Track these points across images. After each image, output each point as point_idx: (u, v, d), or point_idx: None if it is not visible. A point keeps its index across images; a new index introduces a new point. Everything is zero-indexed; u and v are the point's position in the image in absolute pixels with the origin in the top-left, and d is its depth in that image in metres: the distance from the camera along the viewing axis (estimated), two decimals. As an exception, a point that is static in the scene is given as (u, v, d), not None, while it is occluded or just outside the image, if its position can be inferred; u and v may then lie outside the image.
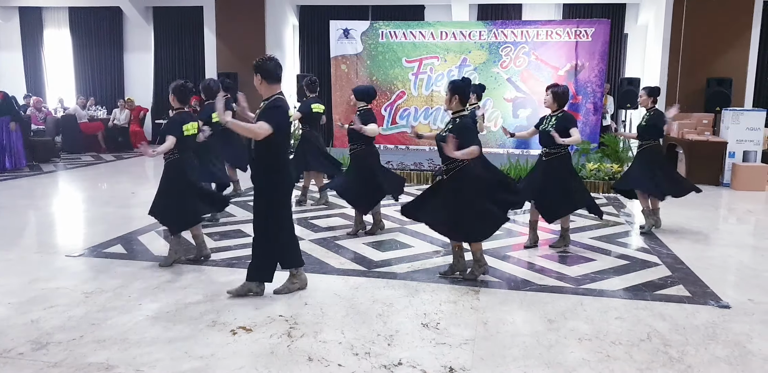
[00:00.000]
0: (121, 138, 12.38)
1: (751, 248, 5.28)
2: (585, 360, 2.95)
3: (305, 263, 4.49)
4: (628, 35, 11.87)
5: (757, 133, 8.55)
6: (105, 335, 3.20)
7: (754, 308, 3.69)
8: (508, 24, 10.45)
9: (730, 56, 9.93)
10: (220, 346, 3.09)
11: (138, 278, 4.16)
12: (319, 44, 12.45)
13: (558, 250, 5.00)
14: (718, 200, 7.63)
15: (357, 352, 3.02)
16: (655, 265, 4.59)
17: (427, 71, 10.61)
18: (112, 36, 13.61)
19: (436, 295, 3.86)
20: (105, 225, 5.76)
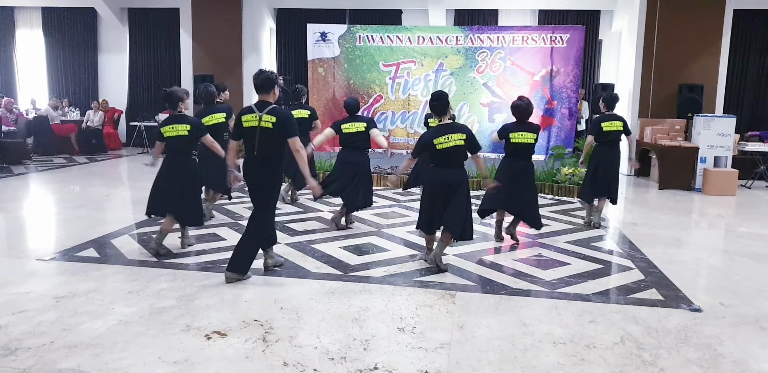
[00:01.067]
0: (94, 140, 12.17)
1: (722, 251, 5.39)
2: (560, 364, 2.97)
3: (281, 267, 4.50)
4: (602, 41, 12.06)
5: (727, 139, 8.75)
6: (76, 340, 3.13)
7: (724, 311, 3.77)
8: (485, 29, 10.54)
9: (702, 63, 10.15)
10: (194, 351, 3.04)
11: (111, 282, 4.08)
12: (297, 47, 12.42)
13: (533, 254, 5.05)
14: (690, 204, 7.78)
15: (333, 357, 3.01)
16: (629, 269, 4.65)
17: (404, 75, 10.63)
18: (86, 37, 13.38)
19: (413, 299, 3.86)
20: (77, 228, 5.64)
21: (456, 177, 4.43)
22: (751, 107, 11.44)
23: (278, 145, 4.05)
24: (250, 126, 4.01)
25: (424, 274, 4.40)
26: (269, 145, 4.01)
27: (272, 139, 4.01)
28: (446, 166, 4.42)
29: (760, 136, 10.30)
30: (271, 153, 4.03)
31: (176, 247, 4.96)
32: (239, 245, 4.15)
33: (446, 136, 4.31)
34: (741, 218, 7.00)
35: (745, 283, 4.37)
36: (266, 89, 4.10)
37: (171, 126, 4.66)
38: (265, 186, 4.10)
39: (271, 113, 3.98)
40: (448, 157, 4.37)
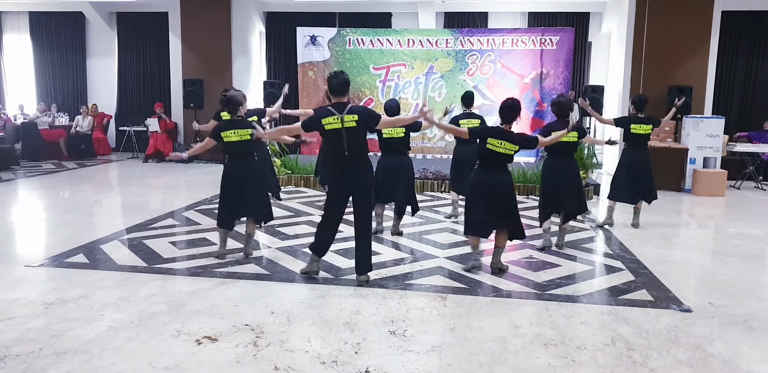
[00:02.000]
0: (83, 145, 12.10)
1: (711, 252, 5.43)
2: (551, 365, 2.98)
3: (272, 271, 4.49)
4: (592, 43, 12.13)
5: (716, 140, 8.82)
6: (65, 346, 3.11)
7: (714, 311, 3.79)
8: (475, 32, 10.60)
9: (691, 65, 10.22)
10: (185, 356, 3.03)
11: (100, 288, 4.05)
12: (286, 51, 12.41)
13: (524, 256, 5.07)
14: (680, 205, 7.83)
15: (324, 360, 3.00)
16: (619, 270, 4.67)
17: (394, 78, 10.67)
18: (74, 41, 13.31)
19: (404, 302, 3.86)
20: (66, 234, 5.60)
21: (506, 179, 4.47)
22: (739, 108, 11.53)
23: (364, 142, 4.21)
24: (333, 129, 4.06)
25: (416, 277, 4.40)
26: (357, 144, 4.10)
27: (359, 136, 4.12)
28: (493, 169, 4.43)
29: (748, 137, 10.40)
30: (360, 151, 4.15)
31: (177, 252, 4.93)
32: (359, 249, 4.24)
33: (501, 141, 4.34)
34: (730, 218, 7.06)
35: (734, 283, 4.39)
36: (343, 92, 4.18)
37: (233, 131, 4.63)
38: (365, 186, 4.21)
39: (351, 112, 4.07)
40: (496, 159, 4.40)
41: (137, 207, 6.97)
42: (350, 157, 4.10)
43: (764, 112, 11.25)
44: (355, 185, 4.16)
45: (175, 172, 10.17)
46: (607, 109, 11.03)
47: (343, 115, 4.04)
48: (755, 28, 11.21)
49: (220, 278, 4.31)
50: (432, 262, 4.80)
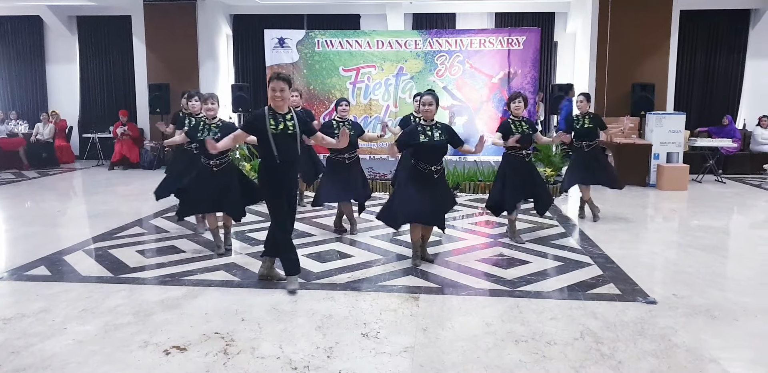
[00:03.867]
0: (45, 153, 11.79)
1: (676, 244, 5.55)
2: (522, 362, 3.00)
3: (242, 278, 4.44)
4: (557, 43, 12.32)
5: (678, 136, 9.04)
6: (25, 363, 3.01)
7: (678, 302, 3.87)
8: (443, 33, 10.67)
9: (652, 63, 10.46)
10: (152, 367, 2.96)
11: (63, 300, 3.94)
12: (254, 54, 12.30)
13: (495, 254, 5.11)
14: (646, 200, 7.99)
15: (296, 366, 2.97)
16: (588, 265, 4.74)
17: (364, 80, 10.67)
18: (32, 46, 12.97)
19: (376, 304, 3.85)
20: (27, 246, 5.44)
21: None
22: (699, 104, 11.84)
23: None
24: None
25: (388, 278, 4.40)
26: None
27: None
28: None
29: (708, 132, 10.69)
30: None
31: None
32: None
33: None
34: (693, 211, 7.23)
35: (697, 274, 4.50)
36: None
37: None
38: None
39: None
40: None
41: (103, 216, 6.82)
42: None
43: (723, 108, 11.60)
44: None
45: (142, 179, 9.98)
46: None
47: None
48: (712, 26, 11.54)
49: (189, 286, 4.23)
50: (404, 263, 4.80)
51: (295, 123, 3.98)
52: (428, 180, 4.54)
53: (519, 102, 5.34)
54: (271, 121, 3.91)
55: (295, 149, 4.02)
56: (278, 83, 3.89)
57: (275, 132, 3.91)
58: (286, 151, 3.96)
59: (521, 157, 5.38)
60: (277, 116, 3.94)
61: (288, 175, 4.04)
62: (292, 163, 4.02)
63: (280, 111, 3.96)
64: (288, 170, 4.02)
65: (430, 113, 4.51)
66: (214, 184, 4.92)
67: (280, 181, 4.02)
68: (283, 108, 3.97)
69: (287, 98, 3.97)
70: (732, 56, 11.62)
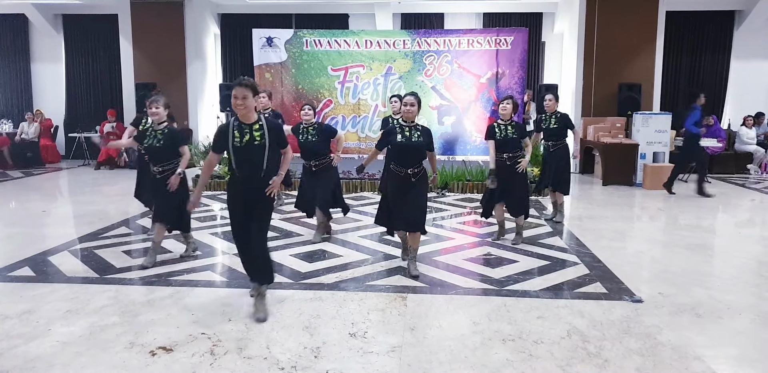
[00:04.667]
0: (30, 153, 11.66)
1: (662, 243, 5.60)
2: (509, 361, 3.01)
3: (229, 278, 4.42)
4: (545, 43, 12.39)
5: (664, 135, 9.12)
6: (8, 365, 2.97)
7: (663, 300, 3.91)
8: (431, 33, 10.67)
9: (639, 63, 10.56)
10: (138, 368, 2.94)
11: (48, 301, 3.90)
12: (242, 53, 12.26)
13: (482, 253, 5.12)
14: (632, 199, 8.05)
15: (283, 366, 2.96)
16: (575, 264, 4.77)
17: (353, 80, 10.64)
18: (16, 45, 12.84)
19: (364, 304, 3.85)
20: (11, 247, 5.38)
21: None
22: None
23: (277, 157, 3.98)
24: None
25: (376, 278, 4.40)
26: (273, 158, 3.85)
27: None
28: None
29: (694, 132, 10.76)
30: (273, 164, 3.88)
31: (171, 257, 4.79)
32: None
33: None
34: (678, 210, 7.30)
35: (682, 273, 4.54)
36: None
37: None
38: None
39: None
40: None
41: (89, 216, 6.75)
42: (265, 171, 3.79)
43: (708, 108, 11.68)
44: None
45: (129, 179, 9.84)
46: (561, 107, 11.25)
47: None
48: (697, 27, 11.66)
49: (175, 286, 4.21)
50: (392, 262, 4.81)
51: (264, 133, 3.54)
52: (405, 184, 4.39)
53: (507, 104, 5.30)
54: (236, 132, 3.53)
55: (260, 162, 3.56)
56: (239, 90, 3.45)
57: (238, 145, 3.51)
58: (249, 164, 3.56)
59: (502, 161, 5.28)
60: (243, 127, 3.53)
61: (248, 190, 3.60)
62: (254, 177, 3.59)
63: (246, 121, 3.55)
64: (249, 185, 3.59)
65: (411, 114, 4.38)
66: (160, 193, 4.70)
67: (236, 197, 3.65)
68: (248, 117, 3.55)
69: (251, 106, 3.53)
70: (717, 57, 11.75)
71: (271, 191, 3.62)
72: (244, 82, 3.48)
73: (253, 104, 3.55)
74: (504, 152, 5.28)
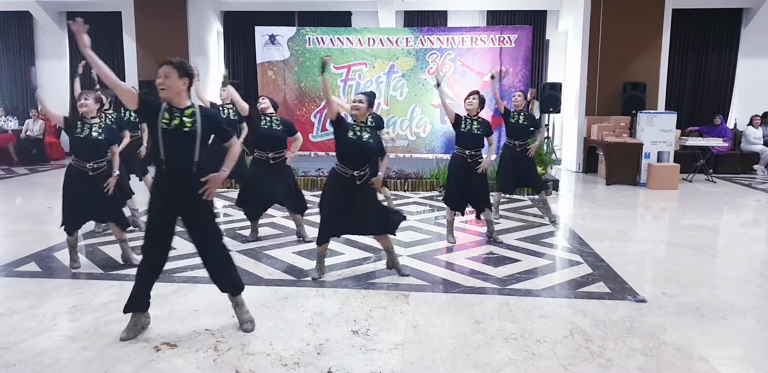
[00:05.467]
0: (35, 150, 11.71)
1: (666, 243, 5.59)
2: (511, 359, 3.02)
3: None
4: (549, 41, 12.35)
5: (669, 135, 9.09)
6: (15, 359, 3.00)
7: (667, 300, 3.90)
8: (434, 31, 10.67)
9: (644, 61, 10.51)
10: (143, 364, 2.96)
11: (54, 297, 3.92)
12: (245, 50, 12.25)
13: (485, 252, 5.12)
14: (636, 199, 8.04)
15: (286, 363, 2.97)
16: (578, 263, 4.77)
17: (355, 77, 10.65)
18: (21, 42, 12.86)
19: (367, 301, 3.86)
20: (17, 242, 5.41)
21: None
22: (690, 103, 11.92)
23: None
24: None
25: (378, 276, 4.40)
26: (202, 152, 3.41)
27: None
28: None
29: (699, 131, 10.76)
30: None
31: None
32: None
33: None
34: (683, 210, 7.28)
35: (686, 273, 4.54)
36: None
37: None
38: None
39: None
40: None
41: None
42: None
43: (714, 107, 11.68)
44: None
45: (132, 176, 9.90)
46: (565, 106, 11.26)
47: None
48: (704, 25, 11.60)
49: (179, 282, 4.22)
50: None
51: (196, 120, 3.15)
52: (348, 187, 4.14)
53: (473, 99, 5.20)
54: (166, 114, 3.12)
55: (191, 154, 3.16)
56: (162, 68, 3.11)
57: (166, 127, 3.10)
58: (177, 156, 3.16)
59: (463, 157, 5.21)
60: (173, 110, 3.14)
61: (178, 188, 3.19)
62: (185, 173, 3.18)
63: (177, 105, 3.16)
64: (178, 182, 3.18)
65: (359, 112, 4.19)
66: (91, 191, 4.47)
67: (162, 195, 3.23)
68: (176, 101, 3.15)
69: (174, 88, 3.12)
70: (724, 55, 11.69)
71: (209, 190, 3.19)
72: (171, 59, 3.13)
73: (180, 87, 3.13)
74: (466, 148, 5.20)
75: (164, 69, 3.11)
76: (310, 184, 8.51)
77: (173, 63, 3.11)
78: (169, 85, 3.11)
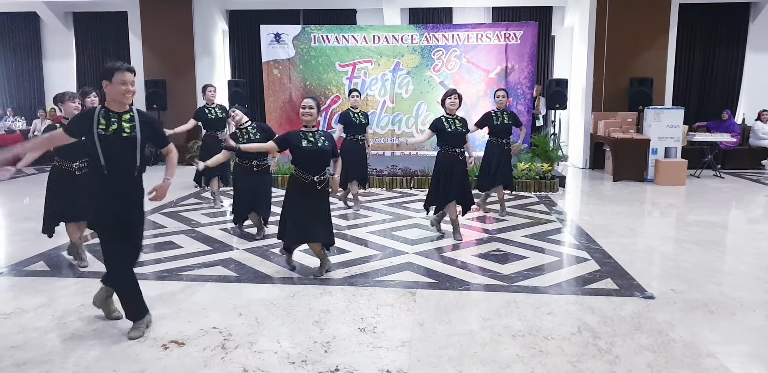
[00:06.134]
0: (43, 149, 11.76)
1: (673, 239, 5.56)
2: (519, 356, 3.01)
3: (240, 273, 4.44)
4: (555, 37, 12.29)
5: (676, 130, 9.03)
6: (25, 357, 3.02)
7: (675, 297, 3.88)
8: (440, 28, 10.63)
9: (651, 57, 10.44)
10: (151, 362, 2.97)
11: (62, 295, 3.95)
12: (250, 49, 12.27)
13: (492, 249, 5.11)
14: (643, 195, 8.00)
15: (293, 360, 2.98)
16: (585, 260, 4.75)
17: (361, 75, 10.64)
18: (28, 43, 12.92)
19: (374, 299, 3.86)
20: (26, 242, 5.44)
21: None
22: (698, 99, 11.84)
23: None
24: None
25: (385, 274, 4.40)
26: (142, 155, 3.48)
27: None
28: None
29: (707, 127, 10.69)
30: (143, 163, 3.46)
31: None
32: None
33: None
34: (690, 206, 7.24)
35: (694, 269, 4.51)
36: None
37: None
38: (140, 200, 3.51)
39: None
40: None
41: (101, 211, 6.80)
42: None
43: (722, 102, 11.59)
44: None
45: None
46: (571, 102, 11.21)
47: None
48: (711, 19, 11.51)
49: (186, 281, 4.24)
50: (401, 258, 4.81)
51: (135, 125, 3.24)
52: (310, 191, 4.16)
53: (454, 98, 5.23)
54: (102, 120, 3.18)
55: (131, 158, 3.24)
56: (129, 76, 3.21)
57: (103, 133, 3.15)
58: (118, 160, 3.20)
59: (455, 156, 5.26)
60: (110, 115, 3.20)
61: (119, 192, 3.24)
62: (127, 176, 3.25)
63: (117, 109, 3.24)
64: (120, 185, 3.24)
65: (311, 117, 4.14)
66: (76, 191, 4.44)
67: (107, 200, 3.24)
68: (119, 106, 3.25)
69: (134, 93, 3.30)
70: (731, 50, 11.60)
71: (157, 197, 3.35)
72: (131, 67, 3.26)
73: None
74: (455, 147, 5.28)
75: (130, 76, 3.23)
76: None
77: (133, 70, 3.27)
78: (134, 91, 3.28)
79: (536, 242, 5.35)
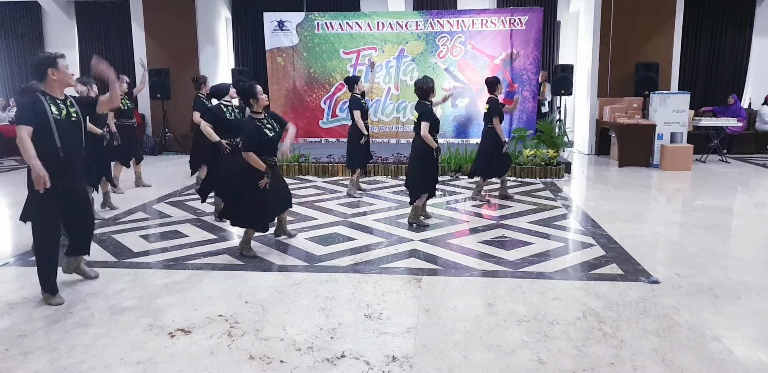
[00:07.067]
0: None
1: (679, 224, 5.54)
2: (524, 341, 3.02)
3: (246, 261, 4.46)
4: (560, 23, 12.16)
5: (682, 115, 8.96)
6: (33, 346, 3.05)
7: (680, 282, 3.88)
8: (444, 14, 10.53)
9: (657, 42, 10.33)
10: (158, 350, 2.99)
11: (69, 285, 3.97)
12: (254, 37, 12.18)
13: (497, 235, 5.11)
14: (649, 180, 7.96)
15: (299, 347, 2.99)
16: (590, 245, 4.74)
17: (365, 62, 10.56)
18: (30, 32, 12.89)
19: (379, 285, 3.87)
20: (31, 232, 5.45)
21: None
22: (704, 83, 11.72)
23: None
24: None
25: (391, 260, 4.41)
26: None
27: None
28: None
29: (713, 112, 10.60)
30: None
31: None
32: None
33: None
34: (696, 191, 7.21)
35: (700, 254, 4.50)
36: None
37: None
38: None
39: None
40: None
41: (106, 201, 6.82)
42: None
43: (728, 87, 11.48)
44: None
45: (145, 165, 9.96)
46: (577, 88, 11.12)
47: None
48: (718, 3, 11.35)
49: (192, 269, 4.26)
50: (407, 245, 4.81)
51: (77, 109, 3.54)
52: (275, 170, 4.57)
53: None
54: (52, 107, 3.40)
55: (79, 140, 3.57)
56: (66, 61, 3.57)
57: (59, 118, 3.41)
58: (70, 142, 3.49)
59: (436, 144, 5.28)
60: (57, 102, 3.45)
61: (75, 171, 3.59)
62: (76, 157, 3.57)
63: (59, 96, 3.48)
64: (75, 166, 3.58)
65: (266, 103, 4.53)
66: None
67: (63, 180, 3.51)
68: (59, 92, 3.50)
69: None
70: (738, 34, 11.45)
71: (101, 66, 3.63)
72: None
73: None
74: (437, 134, 5.39)
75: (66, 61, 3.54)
76: (321, 171, 8.52)
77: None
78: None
79: (541, 228, 5.33)
